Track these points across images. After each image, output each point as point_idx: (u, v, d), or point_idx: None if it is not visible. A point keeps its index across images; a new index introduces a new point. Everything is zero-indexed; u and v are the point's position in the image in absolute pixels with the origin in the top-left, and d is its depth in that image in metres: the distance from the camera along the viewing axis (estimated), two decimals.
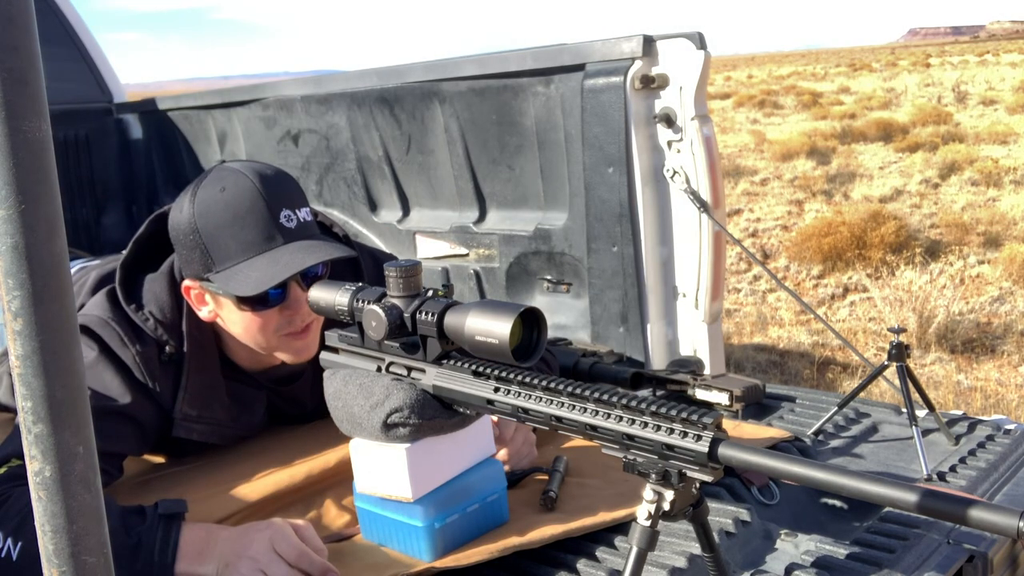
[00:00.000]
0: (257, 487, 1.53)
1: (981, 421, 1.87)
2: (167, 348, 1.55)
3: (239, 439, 1.70)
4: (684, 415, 0.97)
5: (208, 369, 1.60)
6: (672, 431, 0.97)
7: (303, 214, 1.52)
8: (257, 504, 1.51)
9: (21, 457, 1.31)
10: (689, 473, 0.98)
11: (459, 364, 1.21)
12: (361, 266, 1.73)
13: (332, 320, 1.36)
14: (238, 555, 1.25)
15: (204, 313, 1.56)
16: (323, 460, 1.60)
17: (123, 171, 3.71)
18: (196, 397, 1.58)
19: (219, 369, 1.62)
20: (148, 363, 1.52)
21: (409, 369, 1.27)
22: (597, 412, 1.04)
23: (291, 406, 1.77)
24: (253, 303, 1.51)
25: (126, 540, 1.25)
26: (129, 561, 1.24)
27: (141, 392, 1.51)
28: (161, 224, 1.60)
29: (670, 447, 0.97)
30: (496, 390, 1.15)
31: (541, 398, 1.10)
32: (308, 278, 1.53)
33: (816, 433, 1.84)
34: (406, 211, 2.77)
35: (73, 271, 1.99)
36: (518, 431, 1.57)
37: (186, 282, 1.54)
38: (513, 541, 1.35)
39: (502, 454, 1.54)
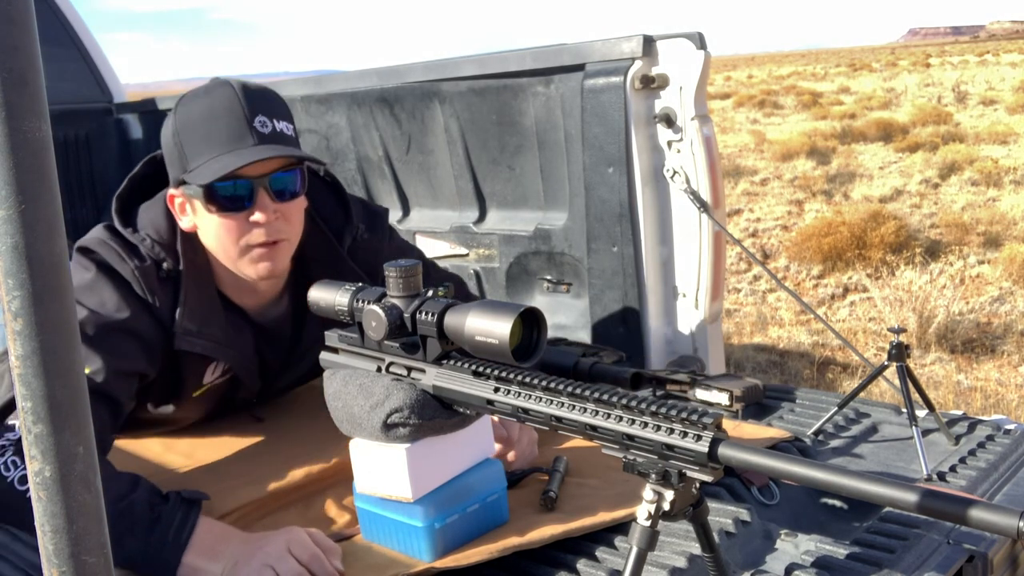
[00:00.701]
0: (257, 487, 1.54)
1: (981, 421, 1.87)
2: (164, 265, 1.57)
3: (236, 360, 1.69)
4: (684, 415, 0.97)
5: (204, 287, 1.61)
6: (672, 431, 0.97)
7: (281, 125, 1.54)
8: (257, 504, 1.51)
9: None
10: (689, 473, 0.98)
11: (459, 364, 1.21)
12: (347, 198, 1.76)
13: (332, 320, 1.36)
14: (251, 553, 1.27)
15: (185, 223, 1.58)
16: (323, 460, 1.60)
17: (123, 171, 3.69)
18: (195, 312, 1.59)
19: (215, 289, 1.64)
20: (147, 277, 1.54)
21: (409, 369, 1.27)
22: (597, 412, 1.04)
23: (272, 347, 1.77)
24: (220, 205, 1.51)
25: (148, 513, 1.29)
26: (145, 533, 1.28)
27: (140, 305, 1.53)
28: (154, 167, 1.65)
29: (670, 447, 0.97)
30: (496, 390, 1.15)
31: (541, 398, 1.10)
32: (285, 195, 1.54)
33: (816, 433, 1.84)
34: (406, 211, 2.77)
35: None
36: (523, 431, 1.58)
37: (170, 190, 1.57)
38: (513, 541, 1.35)
39: (510, 455, 1.55)
